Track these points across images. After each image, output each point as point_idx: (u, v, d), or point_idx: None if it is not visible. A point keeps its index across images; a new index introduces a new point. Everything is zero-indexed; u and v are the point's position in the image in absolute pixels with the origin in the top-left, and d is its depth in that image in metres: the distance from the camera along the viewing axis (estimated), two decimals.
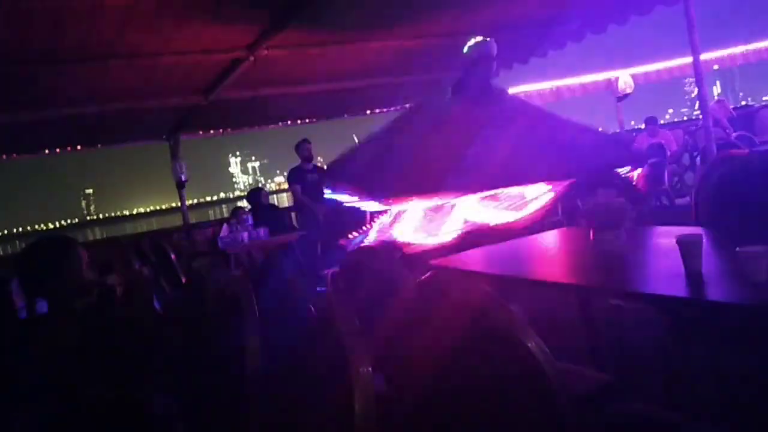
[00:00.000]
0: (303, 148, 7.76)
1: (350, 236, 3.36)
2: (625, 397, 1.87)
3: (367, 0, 5.01)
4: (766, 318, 1.75)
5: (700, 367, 1.92)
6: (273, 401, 1.74)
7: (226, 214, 9.78)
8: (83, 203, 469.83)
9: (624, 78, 8.77)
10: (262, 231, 6.81)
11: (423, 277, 1.75)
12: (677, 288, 2.08)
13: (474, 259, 3.30)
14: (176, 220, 10.63)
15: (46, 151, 8.32)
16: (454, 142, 3.00)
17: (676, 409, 1.58)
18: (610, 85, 10.42)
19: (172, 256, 5.19)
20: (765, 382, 1.74)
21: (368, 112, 10.20)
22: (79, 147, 8.38)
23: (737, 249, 1.87)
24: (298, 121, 9.52)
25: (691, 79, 5.67)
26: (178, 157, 8.19)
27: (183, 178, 8.07)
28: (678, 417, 1.52)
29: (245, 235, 6.71)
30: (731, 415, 1.85)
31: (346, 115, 10.25)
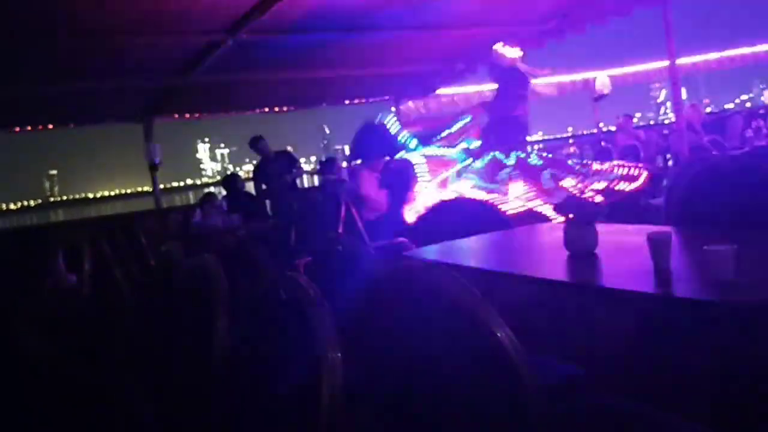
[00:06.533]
0: (261, 147, 7.74)
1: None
2: (595, 389, 1.89)
3: None
4: (729, 315, 1.79)
5: (668, 362, 1.95)
6: (239, 384, 1.72)
7: (193, 201, 9.68)
8: (47, 184, 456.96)
9: (601, 79, 8.82)
10: (235, 217, 6.74)
11: (394, 265, 1.74)
12: (646, 284, 2.11)
13: (446, 250, 3.31)
14: (142, 205, 10.43)
15: (17, 129, 8.12)
16: None
17: (645, 401, 1.61)
18: (588, 85, 10.51)
19: (143, 239, 5.11)
20: (728, 377, 1.78)
21: (347, 102, 10.15)
22: (50, 126, 8.20)
23: (704, 247, 1.90)
24: (276, 109, 9.43)
25: (658, 84, 5.85)
26: (152, 138, 8.04)
27: (157, 161, 7.93)
28: (647, 409, 1.54)
29: (219, 220, 6.64)
30: (699, 408, 1.89)
31: (324, 104, 10.20)
